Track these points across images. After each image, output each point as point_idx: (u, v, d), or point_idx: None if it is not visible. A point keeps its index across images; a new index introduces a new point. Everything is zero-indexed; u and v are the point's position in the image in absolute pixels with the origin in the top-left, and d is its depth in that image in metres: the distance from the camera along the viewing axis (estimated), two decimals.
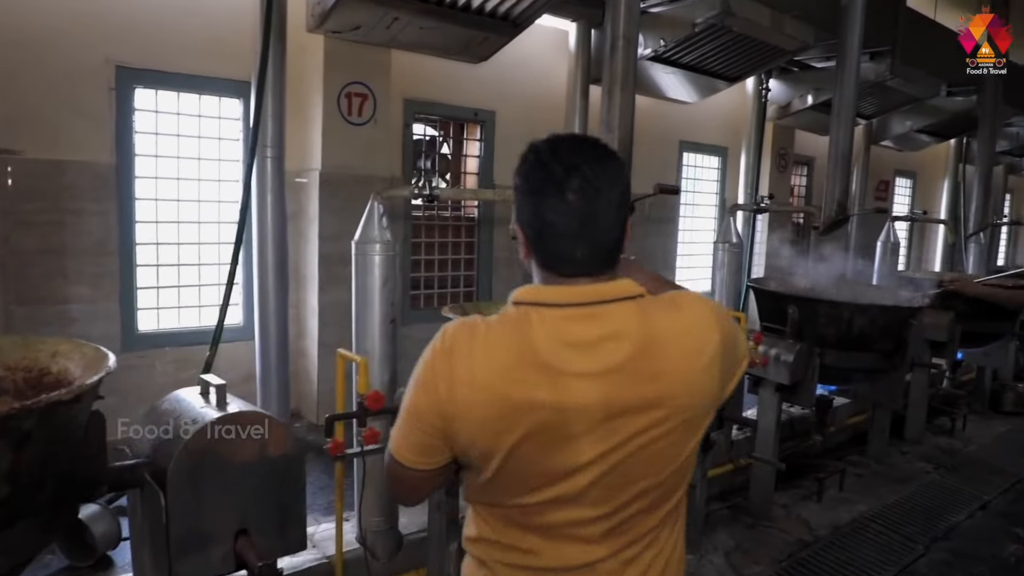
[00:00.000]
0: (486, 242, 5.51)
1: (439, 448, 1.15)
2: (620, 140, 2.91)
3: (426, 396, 1.12)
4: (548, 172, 1.14)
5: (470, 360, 1.10)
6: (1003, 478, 5.07)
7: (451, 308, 3.05)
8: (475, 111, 5.30)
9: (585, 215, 1.12)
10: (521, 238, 1.20)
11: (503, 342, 1.11)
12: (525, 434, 1.09)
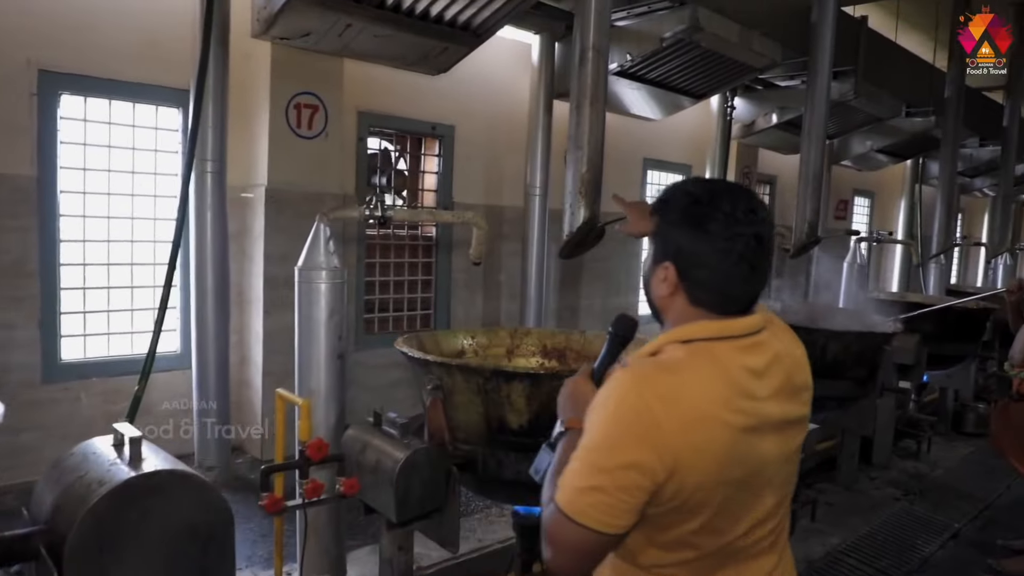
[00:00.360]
0: (444, 264, 5.25)
1: (640, 506, 1.13)
2: (589, 158, 2.71)
3: (645, 448, 1.11)
4: (733, 222, 1.20)
5: (688, 399, 1.13)
6: (971, 503, 4.98)
7: (405, 340, 2.78)
8: (433, 125, 5.05)
9: (764, 262, 1.23)
10: (674, 279, 1.24)
11: (709, 375, 1.16)
12: (748, 462, 1.16)
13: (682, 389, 1.14)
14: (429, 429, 2.48)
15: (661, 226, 1.27)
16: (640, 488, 1.11)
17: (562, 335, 3.35)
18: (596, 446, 1.15)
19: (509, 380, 2.30)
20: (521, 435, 2.40)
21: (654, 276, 1.28)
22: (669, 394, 1.12)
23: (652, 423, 1.11)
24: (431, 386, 2.47)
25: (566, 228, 2.78)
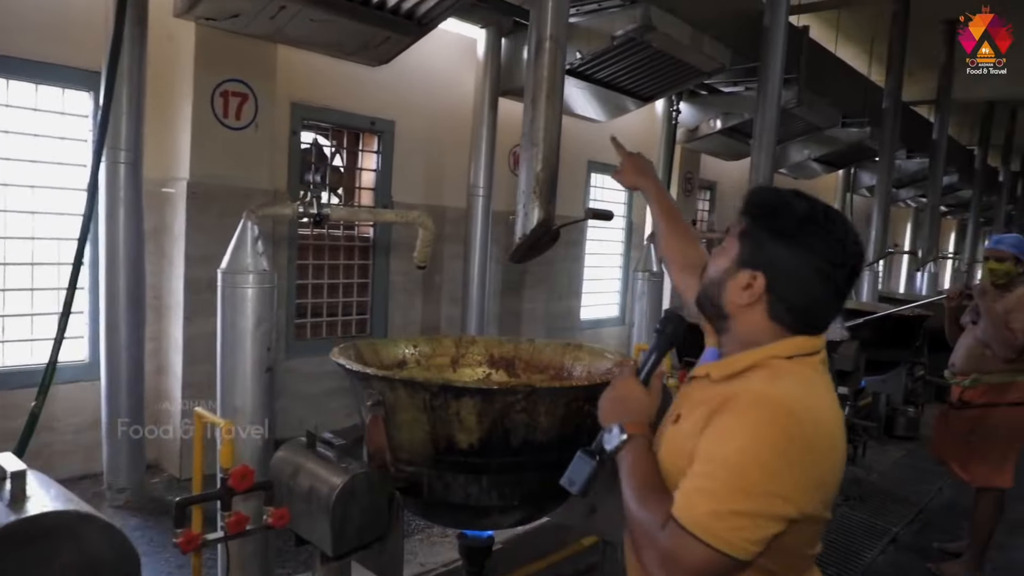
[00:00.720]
0: (382, 266, 4.99)
1: (779, 532, 1.11)
2: (545, 156, 2.53)
3: (797, 473, 1.10)
4: (841, 250, 1.21)
5: (828, 420, 1.16)
6: (906, 507, 5.05)
7: (341, 350, 2.53)
8: (372, 120, 4.79)
9: (849, 292, 1.27)
10: (760, 290, 1.23)
11: (830, 393, 1.21)
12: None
13: (821, 409, 1.16)
14: (369, 449, 2.24)
15: (757, 232, 1.24)
16: (786, 517, 1.10)
17: (510, 344, 3.15)
18: (743, 469, 1.10)
19: (459, 396, 2.09)
20: (471, 455, 2.19)
21: (733, 280, 1.25)
22: (816, 416, 1.14)
23: (806, 447, 1.11)
24: (371, 402, 2.23)
25: (519, 230, 2.60)
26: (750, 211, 1.28)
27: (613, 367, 2.72)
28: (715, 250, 1.36)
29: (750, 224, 1.26)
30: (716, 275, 1.30)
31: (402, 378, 2.13)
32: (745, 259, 1.25)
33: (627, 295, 7.56)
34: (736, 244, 1.28)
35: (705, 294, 1.33)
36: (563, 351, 3.07)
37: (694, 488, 1.13)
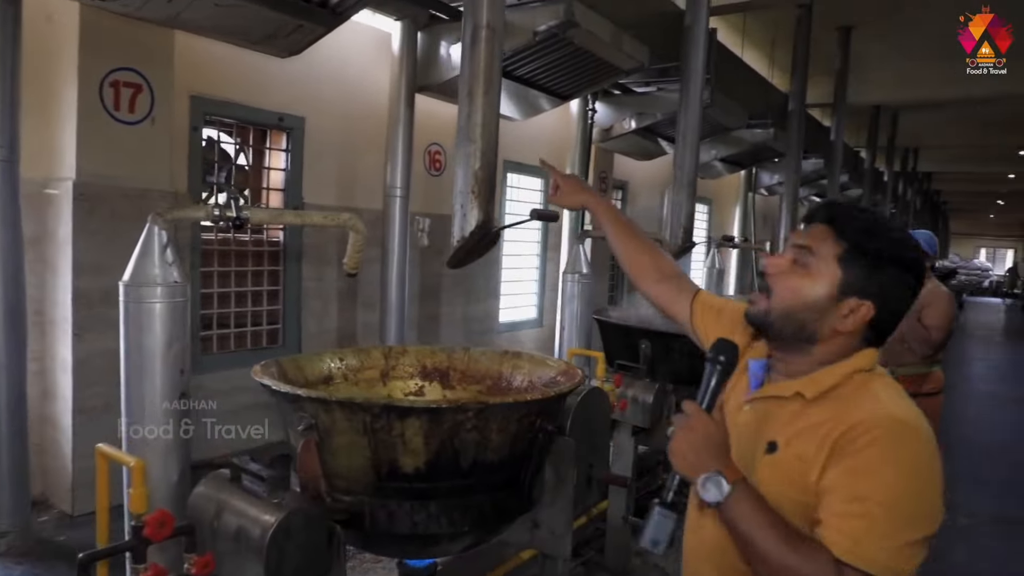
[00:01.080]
0: (294, 272, 4.68)
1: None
2: (483, 153, 2.37)
3: (940, 490, 1.16)
4: (920, 258, 1.28)
5: (929, 428, 1.20)
6: None
7: (263, 369, 2.30)
8: (280, 116, 4.48)
9: None
10: (864, 320, 1.25)
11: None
12: None
13: (924, 421, 1.20)
14: (301, 478, 2.02)
15: (860, 257, 1.24)
16: (934, 535, 1.14)
17: (443, 353, 2.98)
18: (899, 500, 1.12)
19: (404, 416, 1.91)
20: (417, 480, 2.01)
21: (838, 307, 1.25)
22: (928, 429, 1.18)
23: (935, 463, 1.16)
24: (303, 426, 2.01)
25: (456, 233, 2.43)
26: (847, 235, 1.25)
27: (557, 376, 2.60)
28: (787, 265, 1.29)
29: (851, 249, 1.24)
30: (813, 301, 1.26)
31: (339, 399, 1.93)
32: (851, 287, 1.24)
33: (544, 297, 7.51)
34: (837, 269, 1.25)
35: (792, 317, 1.27)
36: (500, 360, 2.92)
37: (854, 528, 1.12)
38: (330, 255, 4.88)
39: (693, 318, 1.67)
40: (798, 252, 1.29)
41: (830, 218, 1.28)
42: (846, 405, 1.21)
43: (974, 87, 10.01)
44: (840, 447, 1.16)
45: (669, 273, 1.76)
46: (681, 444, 1.22)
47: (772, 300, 1.29)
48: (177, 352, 1.91)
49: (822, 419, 1.21)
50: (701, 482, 1.19)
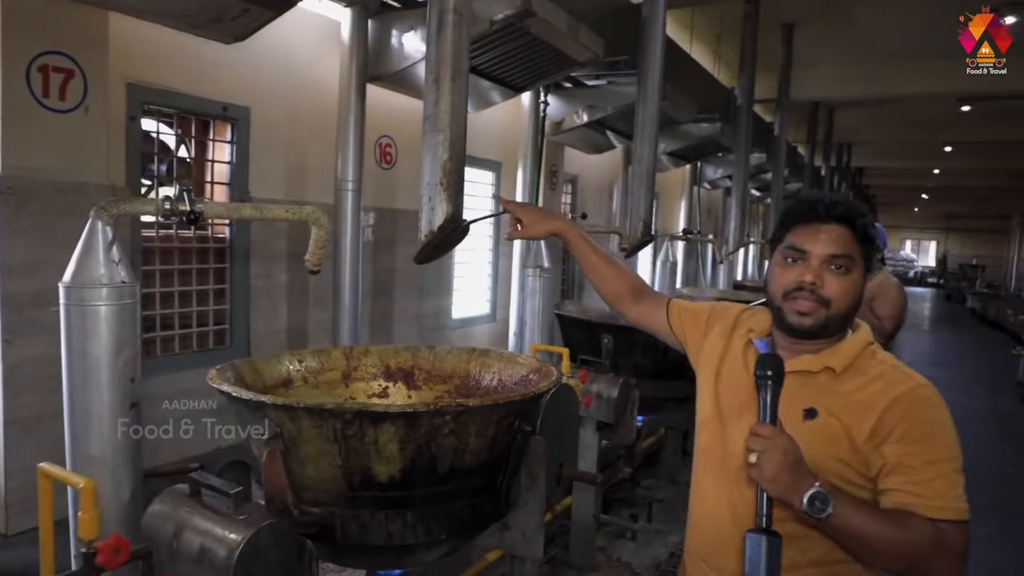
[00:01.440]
0: (241, 270, 4.46)
1: None
2: (452, 143, 2.27)
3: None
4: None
5: None
6: None
7: (219, 374, 2.16)
8: (225, 106, 4.26)
9: None
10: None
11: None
12: None
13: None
14: (266, 490, 1.89)
15: (867, 243, 1.45)
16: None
17: (407, 352, 2.87)
18: (958, 452, 1.34)
19: (377, 422, 1.80)
20: (392, 488, 1.91)
21: (862, 289, 1.47)
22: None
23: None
24: (267, 435, 1.89)
25: (424, 227, 2.32)
26: (858, 230, 1.44)
27: (530, 373, 2.52)
28: (827, 275, 1.43)
29: (863, 239, 1.44)
30: (859, 296, 1.46)
31: (307, 405, 1.81)
32: (868, 266, 1.47)
33: (496, 291, 7.43)
34: (860, 260, 1.44)
35: (848, 317, 1.47)
36: (468, 358, 2.83)
37: (938, 489, 1.31)
38: (279, 252, 4.69)
39: (672, 326, 1.81)
40: (836, 261, 1.42)
41: (843, 217, 1.43)
42: (878, 378, 1.41)
43: (903, 85, 10.39)
44: (890, 419, 1.35)
45: (642, 292, 1.90)
46: (775, 469, 1.27)
47: (832, 309, 1.42)
48: (127, 359, 1.75)
49: (856, 388, 1.41)
50: (808, 500, 1.25)
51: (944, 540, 1.28)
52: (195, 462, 3.90)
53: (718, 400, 1.58)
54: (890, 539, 1.28)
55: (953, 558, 1.28)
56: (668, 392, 4.22)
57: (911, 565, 1.31)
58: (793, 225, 1.48)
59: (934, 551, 1.27)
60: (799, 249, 1.44)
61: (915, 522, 1.29)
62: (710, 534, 1.54)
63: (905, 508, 1.30)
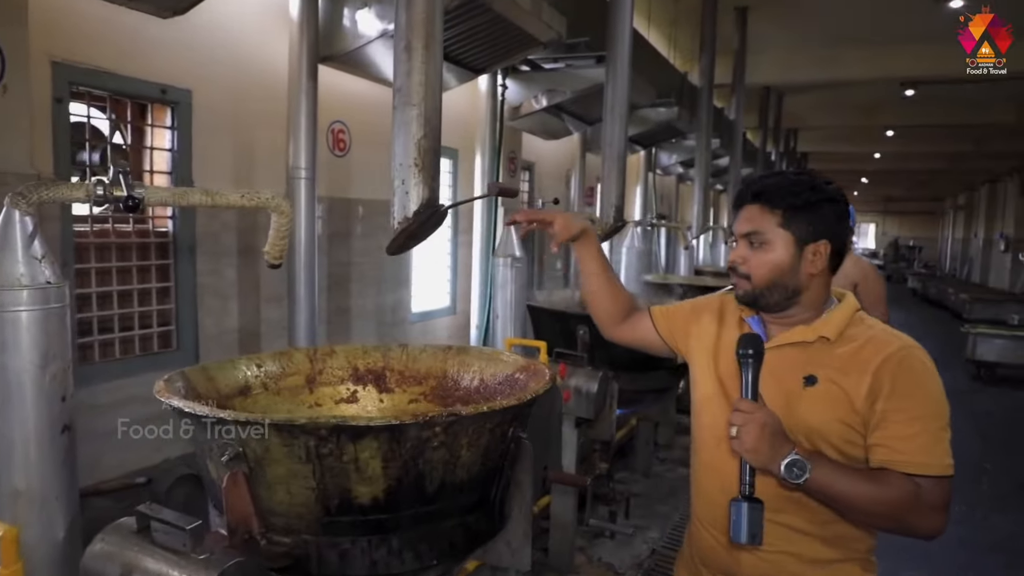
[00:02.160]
0: (186, 265, 4.13)
1: None
2: (427, 118, 2.03)
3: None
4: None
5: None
6: None
7: (167, 385, 1.88)
8: (163, 88, 3.91)
9: None
10: (825, 256, 1.54)
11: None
12: None
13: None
14: (229, 519, 1.65)
15: (795, 213, 1.50)
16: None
17: (377, 352, 2.64)
18: (944, 410, 1.41)
19: (357, 438, 1.57)
20: (375, 511, 1.68)
21: (803, 257, 1.52)
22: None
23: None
24: (227, 455, 1.64)
25: (396, 214, 2.08)
26: (776, 202, 1.52)
27: (515, 372, 2.31)
28: (747, 251, 1.57)
29: (786, 211, 1.51)
30: (781, 264, 1.53)
31: (275, 421, 1.56)
32: (804, 238, 1.52)
33: (456, 283, 7.19)
34: (784, 232, 1.52)
35: (775, 285, 1.54)
36: (444, 357, 2.61)
37: (920, 445, 1.38)
38: (228, 246, 4.36)
39: (659, 330, 1.91)
40: (750, 238, 1.55)
41: (756, 196, 1.55)
42: (869, 341, 1.49)
43: (850, 70, 10.50)
44: (879, 377, 1.42)
45: (629, 310, 1.99)
46: (754, 441, 1.35)
47: (753, 281, 1.56)
48: (56, 373, 1.47)
49: (850, 352, 1.49)
50: (785, 467, 1.34)
51: (922, 495, 1.36)
52: (141, 476, 3.58)
53: (720, 378, 1.67)
54: (869, 497, 1.37)
55: (933, 512, 1.37)
56: (646, 384, 4.08)
57: (892, 519, 1.39)
58: (735, 210, 1.65)
59: (913, 506, 1.35)
60: (733, 232, 1.64)
61: (893, 479, 1.37)
62: (723, 501, 1.54)
63: (886, 465, 1.40)
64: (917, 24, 9.08)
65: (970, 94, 13.33)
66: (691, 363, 1.81)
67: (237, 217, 4.37)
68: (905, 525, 1.40)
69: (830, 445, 1.47)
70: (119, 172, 1.52)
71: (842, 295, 1.61)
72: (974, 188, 27.00)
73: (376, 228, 5.75)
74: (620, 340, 2.05)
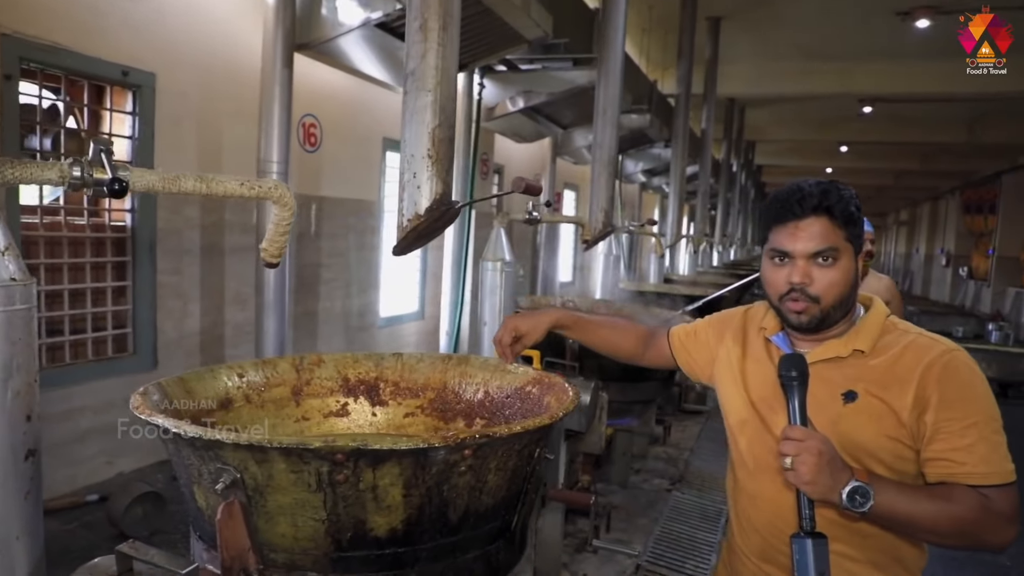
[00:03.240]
0: (146, 264, 3.83)
1: None
2: (442, 106, 1.85)
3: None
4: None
5: None
6: (722, 485, 5.14)
7: (143, 399, 1.64)
8: (125, 70, 3.61)
9: None
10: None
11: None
12: None
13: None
14: (224, 556, 1.43)
15: (854, 226, 1.44)
16: None
17: (369, 361, 2.42)
18: (996, 413, 1.34)
19: (378, 463, 1.38)
20: (392, 544, 1.48)
21: (855, 271, 1.46)
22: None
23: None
24: (223, 483, 1.42)
25: (407, 210, 1.88)
26: (838, 215, 1.42)
27: (526, 385, 2.13)
28: (812, 270, 1.43)
29: (845, 225, 1.42)
30: (852, 280, 1.44)
31: (285, 445, 1.35)
32: (858, 250, 1.46)
33: (425, 287, 6.97)
34: (848, 247, 1.43)
35: (843, 304, 1.45)
36: (443, 367, 2.41)
37: (980, 453, 1.30)
38: (190, 243, 4.07)
39: (676, 357, 1.87)
40: (821, 255, 1.41)
41: (824, 208, 1.41)
42: (907, 349, 1.40)
43: (812, 84, 10.67)
44: (924, 386, 1.34)
45: (646, 337, 1.96)
46: (812, 472, 1.25)
47: (823, 303, 1.43)
48: (21, 389, 1.23)
49: (888, 362, 1.40)
50: (848, 496, 1.25)
51: (991, 506, 1.28)
52: (92, 494, 3.27)
53: (751, 400, 1.58)
54: (936, 516, 1.29)
55: (1003, 521, 1.29)
56: (634, 395, 3.94)
57: (962, 535, 1.31)
58: (772, 225, 1.48)
59: (983, 519, 1.28)
60: (782, 251, 1.46)
61: (959, 493, 1.29)
62: (773, 533, 1.51)
63: (946, 479, 1.32)
64: (883, 42, 9.24)
65: (922, 113, 13.74)
66: (719, 387, 1.72)
67: (201, 213, 4.09)
68: (976, 539, 1.32)
69: (880, 463, 1.38)
70: (101, 150, 1.29)
71: (869, 301, 1.53)
72: (916, 204, 27.95)
73: (346, 228, 5.51)
74: (653, 365, 1.99)
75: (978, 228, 18.93)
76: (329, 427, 2.31)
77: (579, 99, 6.59)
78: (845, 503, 1.25)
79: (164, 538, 3.12)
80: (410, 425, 2.33)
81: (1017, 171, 16.60)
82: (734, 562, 1.69)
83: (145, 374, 3.63)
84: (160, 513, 3.03)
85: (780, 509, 1.48)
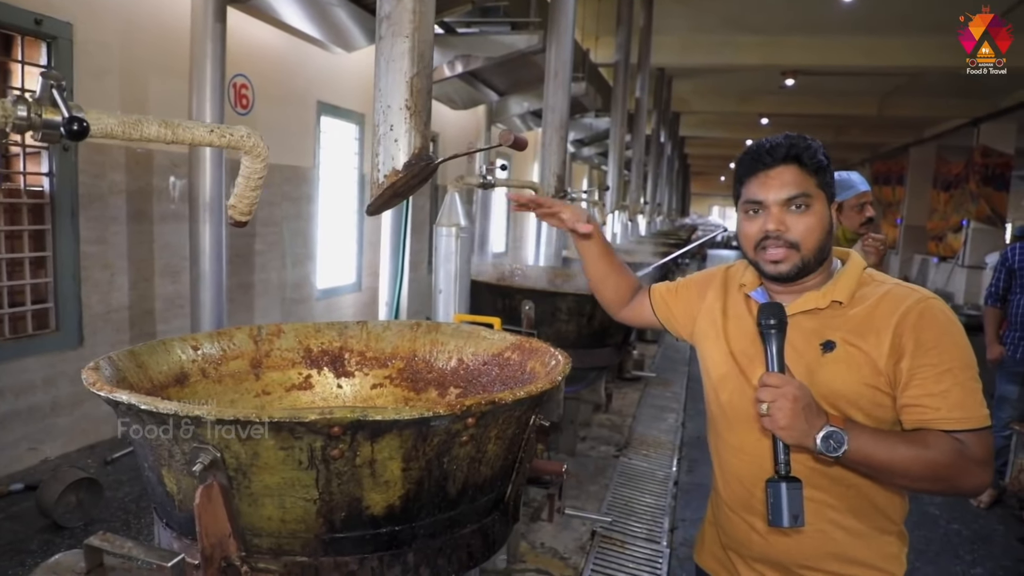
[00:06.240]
0: (67, 232, 3.53)
1: None
2: (421, 53, 1.71)
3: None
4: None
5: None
6: (666, 449, 5.24)
7: (94, 374, 1.49)
8: (37, 18, 3.27)
9: None
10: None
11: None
12: None
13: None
14: (204, 544, 1.31)
15: (826, 173, 1.46)
16: None
17: (332, 330, 2.30)
18: (972, 359, 1.35)
19: (376, 436, 1.28)
20: (388, 522, 1.39)
21: (829, 218, 1.48)
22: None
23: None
24: (200, 464, 1.29)
25: (382, 167, 1.75)
26: (809, 163, 1.43)
27: (505, 351, 2.06)
28: (788, 218, 1.44)
29: (817, 172, 1.44)
30: (827, 225, 1.46)
31: (276, 419, 1.23)
32: (830, 198, 1.48)
33: (362, 258, 6.76)
34: (821, 193, 1.45)
35: (820, 250, 1.45)
36: (412, 335, 2.32)
37: (954, 399, 1.31)
38: (116, 210, 3.78)
39: (657, 313, 1.87)
40: (794, 202, 1.43)
41: (792, 157, 1.43)
42: (883, 298, 1.41)
43: (742, 56, 10.86)
44: (900, 334, 1.36)
45: (635, 290, 1.94)
46: (787, 416, 1.26)
47: (803, 249, 1.44)
48: None
49: (865, 312, 1.42)
50: (822, 441, 1.26)
51: (965, 451, 1.30)
52: (17, 482, 3.02)
53: (733, 355, 1.59)
54: (911, 461, 1.30)
55: (978, 466, 1.30)
56: (591, 362, 3.92)
57: (937, 480, 1.32)
58: (745, 178, 1.50)
59: (957, 463, 1.29)
60: (756, 201, 1.47)
61: (934, 439, 1.31)
62: (756, 483, 1.50)
63: (922, 424, 1.33)
64: (808, 16, 9.46)
65: (839, 86, 14.25)
66: (700, 344, 1.73)
67: (127, 178, 3.79)
68: (951, 484, 1.34)
69: (858, 410, 1.40)
70: (52, 86, 1.11)
71: (845, 255, 1.55)
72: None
73: (281, 196, 5.26)
74: (626, 321, 2.01)
75: (887, 198, 19.92)
76: (292, 401, 2.18)
77: (516, 65, 6.47)
78: (819, 447, 1.27)
79: (102, 527, 2.91)
80: (379, 396, 2.23)
81: (923, 144, 17.51)
82: (720, 518, 1.70)
83: (70, 351, 3.36)
84: (96, 501, 2.81)
85: (762, 460, 1.49)
